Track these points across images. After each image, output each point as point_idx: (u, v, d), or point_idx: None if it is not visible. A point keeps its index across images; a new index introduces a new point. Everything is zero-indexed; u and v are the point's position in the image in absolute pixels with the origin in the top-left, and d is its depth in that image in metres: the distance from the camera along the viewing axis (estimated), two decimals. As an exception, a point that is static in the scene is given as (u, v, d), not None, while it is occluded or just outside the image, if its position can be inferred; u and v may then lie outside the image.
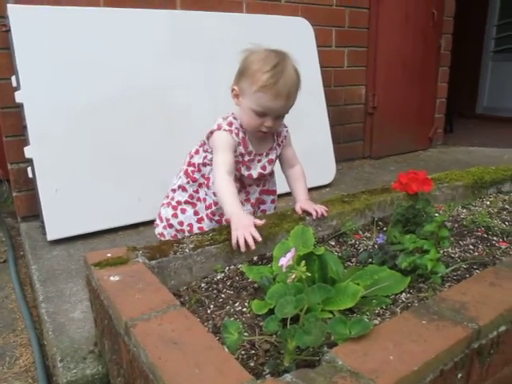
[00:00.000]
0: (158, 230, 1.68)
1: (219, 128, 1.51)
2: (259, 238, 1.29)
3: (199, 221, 1.62)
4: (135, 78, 2.29)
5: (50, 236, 2.08)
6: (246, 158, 1.56)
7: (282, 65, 1.42)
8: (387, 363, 0.81)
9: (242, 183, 1.62)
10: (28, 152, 2.08)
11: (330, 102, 3.19)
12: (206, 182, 1.60)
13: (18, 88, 2.06)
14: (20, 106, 2.10)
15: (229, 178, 1.45)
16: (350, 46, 3.45)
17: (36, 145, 2.07)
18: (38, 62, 2.07)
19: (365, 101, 3.66)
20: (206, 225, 1.62)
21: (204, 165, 1.59)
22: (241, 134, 1.52)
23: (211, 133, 1.54)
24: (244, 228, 1.31)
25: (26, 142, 2.11)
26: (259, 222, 1.33)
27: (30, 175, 2.15)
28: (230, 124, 1.52)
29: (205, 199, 1.61)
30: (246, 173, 1.57)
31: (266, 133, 1.53)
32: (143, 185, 2.26)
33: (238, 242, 1.31)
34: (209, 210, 1.61)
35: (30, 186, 2.29)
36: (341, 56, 3.42)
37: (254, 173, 1.59)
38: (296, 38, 2.84)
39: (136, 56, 2.30)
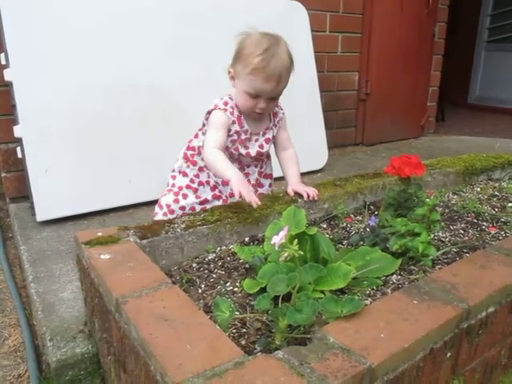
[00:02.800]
0: (158, 217, 1.65)
1: (215, 107, 1.55)
2: (259, 202, 1.36)
3: (202, 203, 1.63)
4: (128, 60, 2.25)
5: (40, 217, 2.05)
6: (243, 136, 1.57)
7: (274, 48, 1.45)
8: (378, 340, 0.82)
9: (241, 164, 1.64)
10: (17, 131, 2.04)
11: (323, 88, 3.17)
12: (204, 164, 1.61)
13: (6, 66, 2.02)
14: (9, 85, 2.06)
15: (219, 150, 1.48)
16: (344, 31, 3.42)
17: (25, 124, 2.03)
18: (28, 39, 2.03)
19: (358, 87, 3.65)
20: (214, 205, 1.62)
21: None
22: (236, 113, 1.55)
23: (209, 113, 1.57)
24: (247, 188, 1.39)
25: (15, 121, 2.07)
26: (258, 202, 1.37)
27: (20, 155, 2.12)
28: (226, 103, 1.55)
29: (208, 182, 1.63)
30: (244, 151, 1.59)
31: (260, 114, 1.56)
32: (134, 167, 2.24)
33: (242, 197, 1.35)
34: (216, 190, 1.63)
35: (19, 167, 2.26)
36: (335, 41, 3.39)
37: (252, 151, 1.61)
38: (291, 22, 2.81)
39: (131, 39, 2.26)
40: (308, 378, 0.71)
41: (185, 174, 1.64)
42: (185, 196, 1.63)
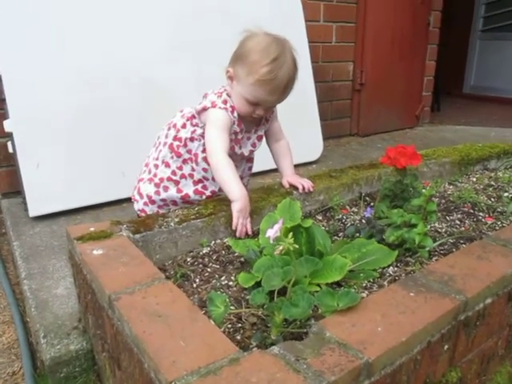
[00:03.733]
0: (138, 205, 1.61)
1: (214, 105, 1.45)
2: (250, 232, 1.35)
3: (183, 198, 1.57)
4: (120, 53, 2.22)
5: (32, 212, 2.03)
6: (239, 136, 1.53)
7: (282, 58, 1.37)
8: (375, 334, 0.80)
9: (232, 159, 1.59)
10: (7, 126, 2.01)
11: (318, 78, 3.15)
12: (193, 157, 1.55)
13: (-5, 59, 1.99)
14: (-2, 79, 2.03)
15: (229, 159, 1.41)
16: (338, 21, 3.39)
17: (16, 118, 2.00)
18: (16, 31, 1.99)
19: (352, 77, 3.63)
20: (195, 201, 1.58)
21: (191, 140, 1.54)
22: (235, 113, 1.48)
23: (204, 109, 1.48)
24: (245, 217, 1.35)
25: (5, 116, 2.04)
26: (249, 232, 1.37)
27: (11, 150, 2.09)
28: (225, 102, 1.46)
29: (191, 175, 1.57)
30: (239, 151, 1.54)
31: (256, 118, 1.50)
32: (128, 160, 2.20)
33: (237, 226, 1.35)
34: (198, 185, 1.57)
35: (10, 162, 2.23)
36: (329, 31, 3.36)
37: (245, 151, 1.56)
38: (284, 11, 2.78)
39: (123, 31, 2.23)
40: (304, 374, 0.70)
41: (167, 165, 1.56)
42: (166, 188, 1.57)
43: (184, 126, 1.55)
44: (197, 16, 2.44)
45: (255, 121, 1.56)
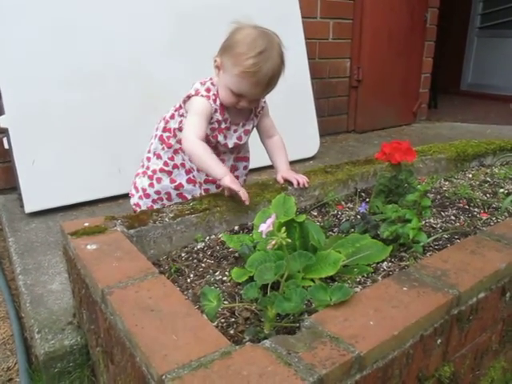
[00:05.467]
0: (134, 200, 1.63)
1: (197, 93, 1.48)
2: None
3: (177, 187, 1.59)
4: (116, 49, 2.21)
5: (28, 208, 2.03)
6: (223, 125, 1.53)
7: (269, 52, 1.38)
8: (367, 328, 0.80)
9: (217, 150, 1.58)
10: (3, 122, 2.00)
11: (315, 75, 3.15)
12: (179, 147, 1.57)
13: (-11, 55, 1.98)
14: (-7, 74, 2.02)
15: (203, 143, 1.43)
16: (335, 17, 3.39)
17: (11, 114, 1.99)
18: (12, 27, 1.98)
19: (349, 74, 3.62)
20: (189, 190, 1.59)
21: (180, 129, 1.55)
22: (218, 101, 1.49)
23: (188, 97, 1.50)
24: (235, 184, 1.37)
25: (1, 112, 2.03)
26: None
27: (6, 146, 2.09)
28: (208, 90, 1.49)
29: (183, 164, 1.58)
30: (222, 140, 1.54)
31: (240, 109, 1.51)
32: (123, 156, 2.20)
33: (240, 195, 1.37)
34: (190, 175, 1.58)
35: (6, 158, 2.23)
36: (326, 28, 3.36)
37: (230, 142, 1.56)
38: (280, 8, 2.78)
39: (121, 29, 2.22)
40: (295, 367, 0.70)
41: (159, 157, 1.58)
42: (159, 180, 1.58)
43: (172, 117, 1.58)
44: (195, 12, 2.43)
45: (243, 114, 1.57)
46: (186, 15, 2.41)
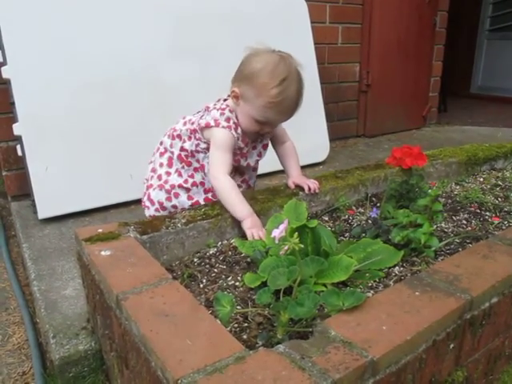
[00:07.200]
0: (150, 212, 1.63)
1: (217, 124, 1.45)
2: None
3: (194, 205, 1.59)
4: (127, 57, 2.24)
5: (41, 214, 2.05)
6: (245, 150, 1.54)
7: (291, 78, 1.39)
8: (380, 333, 0.81)
9: (239, 171, 1.61)
10: (17, 129, 2.04)
11: (324, 80, 3.15)
12: (201, 166, 1.57)
13: (4, 63, 2.01)
14: (7, 82, 2.05)
15: (231, 180, 1.43)
16: (344, 22, 3.39)
17: (25, 122, 2.02)
18: (25, 35, 2.02)
19: (359, 78, 3.62)
20: None
21: (197, 152, 1.56)
22: (239, 129, 1.48)
23: (207, 127, 1.47)
24: (258, 228, 1.34)
25: (14, 119, 2.07)
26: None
27: (20, 153, 2.12)
28: (228, 120, 1.47)
29: (202, 183, 1.58)
30: (244, 163, 1.56)
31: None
32: (135, 162, 2.22)
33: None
34: (209, 194, 1.58)
35: (19, 165, 2.25)
36: (335, 32, 3.37)
37: (251, 161, 1.58)
38: (290, 13, 2.79)
39: (129, 34, 2.25)
40: (309, 371, 0.71)
41: (180, 174, 1.59)
42: (176, 195, 1.58)
43: (189, 139, 1.57)
44: (202, 18, 2.45)
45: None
46: (193, 21, 2.43)
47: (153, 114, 2.28)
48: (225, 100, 1.54)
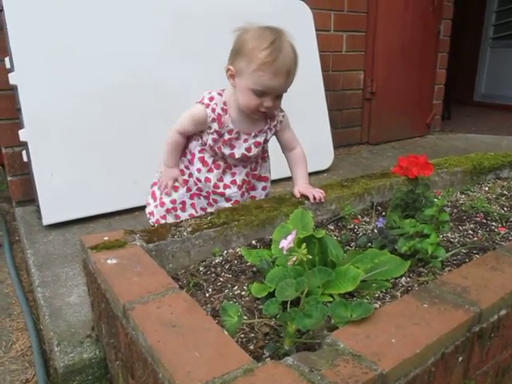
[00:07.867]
0: (149, 208, 1.67)
1: (201, 100, 1.52)
2: (168, 192, 1.63)
3: (192, 197, 1.63)
4: (129, 61, 2.25)
5: (46, 220, 2.05)
6: (226, 136, 1.52)
7: (280, 41, 1.38)
8: (389, 346, 0.80)
9: (227, 163, 1.59)
10: (22, 135, 2.04)
11: (328, 87, 3.16)
12: (190, 158, 1.60)
13: (11, 70, 2.02)
14: (14, 89, 2.06)
15: (178, 137, 1.57)
16: (348, 30, 3.40)
17: (30, 128, 2.03)
18: (32, 43, 2.03)
19: (363, 86, 3.63)
20: (196, 201, 1.64)
21: (192, 138, 1.61)
22: (218, 111, 1.49)
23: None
24: (167, 178, 1.61)
25: (20, 125, 2.07)
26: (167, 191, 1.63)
27: (25, 159, 2.12)
28: (211, 98, 1.51)
29: (191, 174, 1.62)
30: (227, 151, 1.54)
31: (265, 113, 1.49)
32: (139, 168, 2.22)
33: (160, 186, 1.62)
34: (196, 186, 1.62)
35: (25, 170, 2.26)
36: (339, 40, 3.38)
37: (237, 152, 1.55)
38: (294, 21, 2.79)
39: (136, 42, 2.26)
40: (318, 385, 0.70)
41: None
42: (176, 188, 1.63)
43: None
44: (202, 19, 2.46)
45: (257, 125, 1.56)
46: (196, 23, 2.43)
47: (156, 119, 2.28)
48: None
